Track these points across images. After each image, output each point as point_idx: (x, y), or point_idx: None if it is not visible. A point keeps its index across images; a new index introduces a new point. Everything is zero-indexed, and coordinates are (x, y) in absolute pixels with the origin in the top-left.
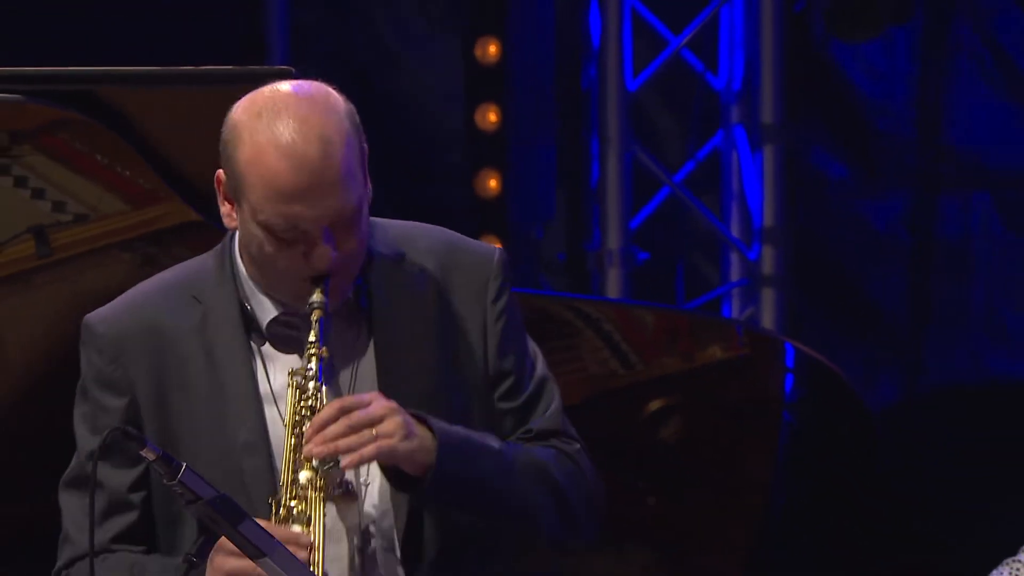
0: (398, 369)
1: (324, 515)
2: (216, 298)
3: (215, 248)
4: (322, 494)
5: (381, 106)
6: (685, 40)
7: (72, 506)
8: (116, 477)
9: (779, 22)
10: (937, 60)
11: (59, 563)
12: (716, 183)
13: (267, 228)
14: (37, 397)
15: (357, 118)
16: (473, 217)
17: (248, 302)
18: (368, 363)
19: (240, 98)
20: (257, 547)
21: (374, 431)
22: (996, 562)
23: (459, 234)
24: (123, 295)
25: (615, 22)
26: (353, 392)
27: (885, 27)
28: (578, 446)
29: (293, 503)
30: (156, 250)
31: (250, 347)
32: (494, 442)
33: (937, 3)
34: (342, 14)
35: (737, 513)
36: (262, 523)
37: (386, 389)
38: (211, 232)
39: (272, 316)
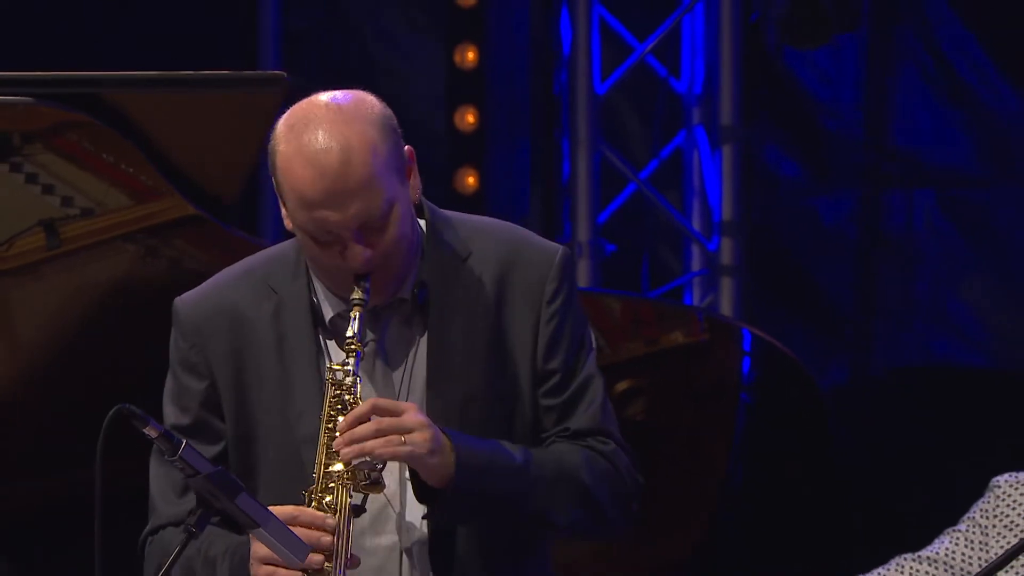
0: (448, 370)
1: (349, 502)
2: (290, 290)
3: (295, 239)
4: (351, 484)
5: None
6: (649, 47)
7: (159, 475)
8: (203, 451)
9: (736, 31)
10: (882, 66)
11: (146, 530)
12: (678, 180)
13: (304, 231)
14: (46, 374)
15: (395, 123)
16: (454, 209)
17: (316, 296)
18: (421, 361)
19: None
20: (252, 518)
21: (402, 439)
22: (938, 531)
23: (527, 231)
24: (211, 278)
25: (584, 30)
26: (406, 388)
27: (834, 35)
28: (614, 445)
29: (325, 495)
30: (157, 242)
31: (318, 340)
32: (519, 456)
33: (882, 13)
34: (331, 22)
35: (697, 486)
36: (283, 508)
37: (433, 388)
38: (207, 225)
39: (334, 313)
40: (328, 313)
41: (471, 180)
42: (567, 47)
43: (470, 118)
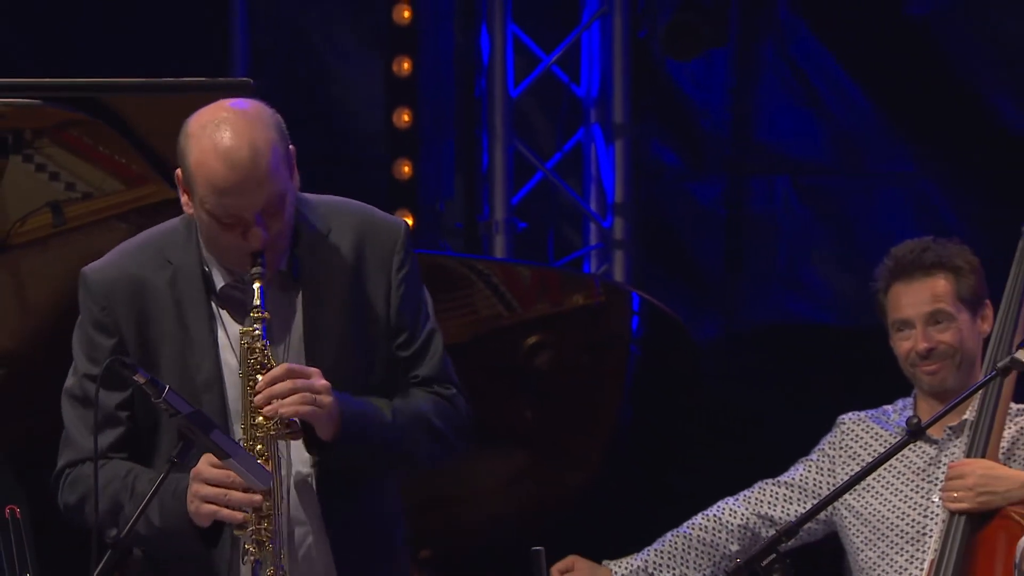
0: (321, 328)
1: (276, 449)
2: (183, 261)
3: (184, 216)
4: (273, 434)
5: (319, 110)
6: (554, 58)
7: (72, 415)
8: (108, 399)
9: (627, 45)
10: (747, 75)
11: (62, 462)
12: (578, 169)
13: (212, 215)
14: (52, 335)
15: (283, 126)
16: (391, 195)
17: (206, 266)
18: (298, 323)
19: (208, 104)
20: (224, 450)
21: (313, 397)
22: (794, 460)
23: (374, 208)
24: (111, 252)
25: (500, 44)
26: (287, 345)
27: (706, 49)
28: (455, 390)
29: (256, 444)
30: (145, 220)
31: (210, 304)
32: (386, 410)
33: (747, 31)
34: (290, 39)
35: (594, 425)
36: None
37: (310, 347)
38: None
39: (224, 283)
40: (219, 282)
41: (406, 169)
42: (486, 58)
43: (405, 118)
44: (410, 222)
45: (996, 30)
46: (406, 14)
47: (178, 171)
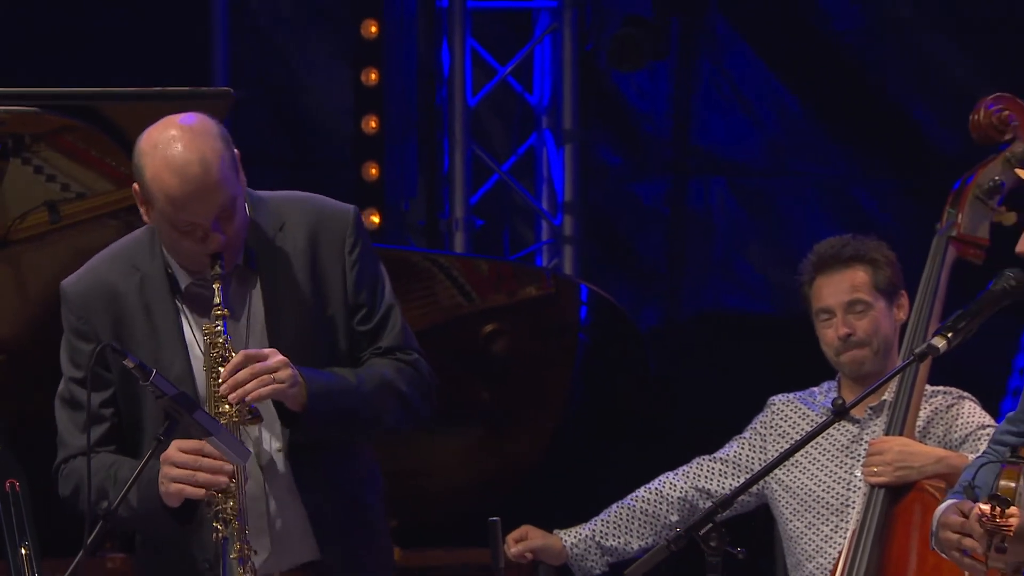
0: (281, 313)
1: (241, 435)
2: (149, 267)
3: (146, 227)
4: (237, 420)
5: (293, 116)
6: (509, 69)
7: (64, 417)
8: (93, 398)
9: (575, 57)
10: (686, 85)
11: (57, 460)
12: (531, 171)
13: (171, 224)
14: (47, 324)
15: (227, 134)
16: (360, 196)
17: (170, 269)
18: (258, 309)
19: (190, 111)
20: (206, 429)
21: (272, 377)
22: (728, 438)
23: (322, 197)
24: (85, 265)
25: (459, 57)
26: (249, 332)
27: (649, 61)
28: (416, 355)
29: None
30: (134, 218)
31: (176, 305)
32: (351, 377)
33: (686, 44)
34: (266, 49)
35: (546, 405)
36: None
37: (272, 331)
38: None
39: (188, 282)
40: (183, 283)
41: (374, 171)
42: (446, 70)
43: (373, 124)
44: (377, 220)
45: (912, 46)
46: (373, 29)
47: (135, 185)
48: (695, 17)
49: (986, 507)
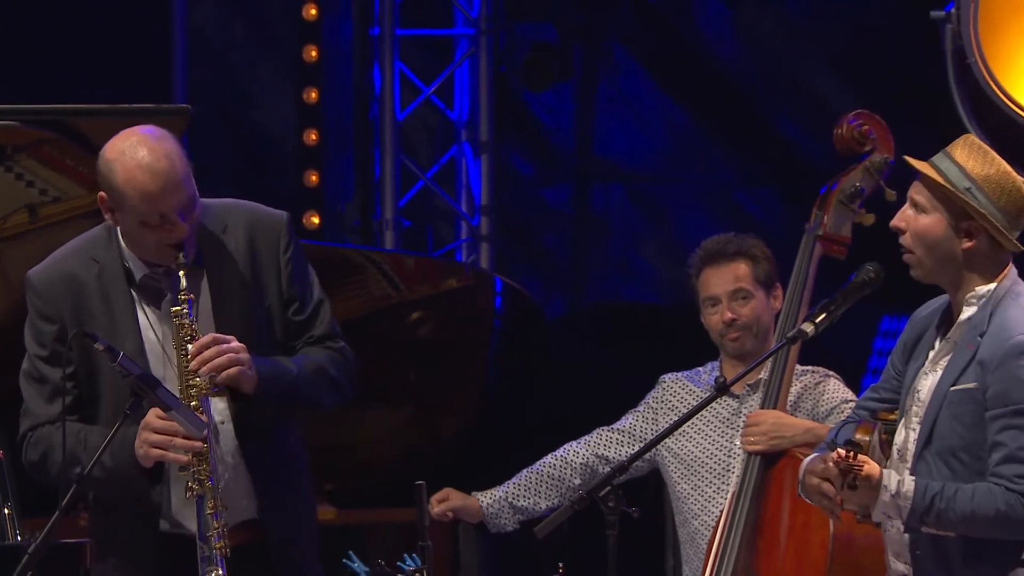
0: (225, 303)
1: (208, 404)
2: (107, 259)
3: (103, 224)
4: (205, 392)
5: (244, 130)
6: (432, 89)
7: (31, 392)
8: (54, 373)
9: (491, 78)
10: (588, 102)
11: (23, 428)
12: (452, 178)
13: (142, 221)
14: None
15: (179, 145)
16: (301, 199)
17: (126, 263)
18: (205, 300)
19: (152, 125)
20: (167, 404)
21: (238, 358)
22: (624, 411)
23: (258, 204)
24: (49, 257)
25: (389, 78)
26: (197, 319)
27: (555, 82)
28: (342, 343)
29: (191, 400)
30: (103, 219)
31: (131, 295)
32: (291, 365)
33: (588, 68)
34: (221, 72)
35: (465, 384)
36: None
37: (220, 320)
38: None
39: (142, 274)
40: (138, 275)
41: (314, 178)
42: (378, 89)
43: (313, 137)
44: (317, 221)
45: (784, 69)
46: (314, 53)
47: (101, 194)
48: (595, 43)
49: (842, 451)
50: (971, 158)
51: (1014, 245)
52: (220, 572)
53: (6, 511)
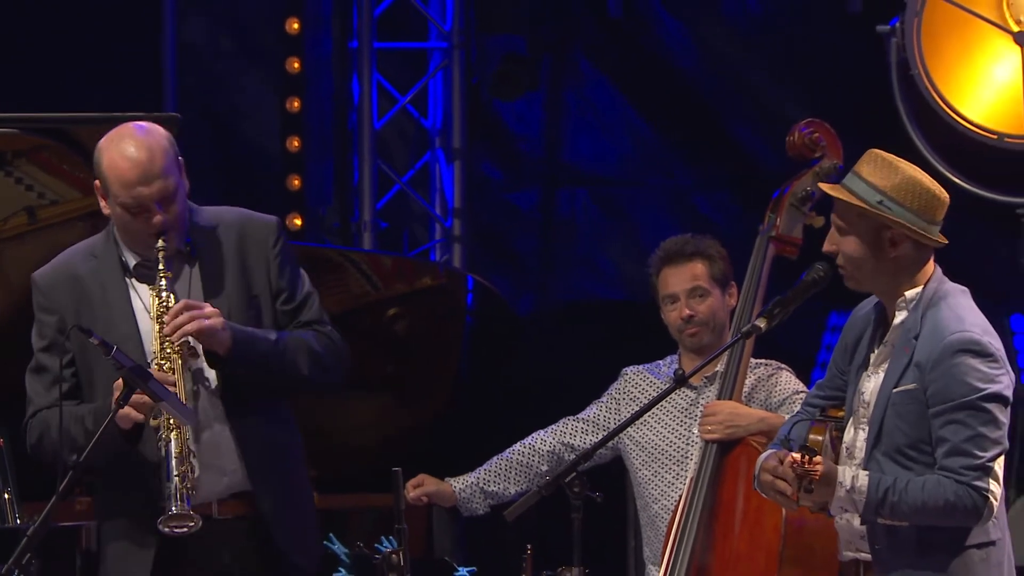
0: (216, 291)
1: (182, 367)
2: (105, 254)
3: (105, 229)
4: (178, 356)
5: (230, 137)
6: (408, 99)
7: (32, 382)
8: (53, 362)
9: (463, 89)
10: (555, 111)
11: (27, 416)
12: (427, 182)
13: (123, 207)
14: (26, 311)
15: (173, 141)
16: (285, 202)
17: (123, 256)
18: (197, 288)
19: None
20: (157, 395)
21: (202, 313)
22: (589, 401)
23: (250, 211)
24: (54, 259)
25: (367, 88)
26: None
27: (525, 92)
28: (330, 327)
29: (165, 363)
30: (98, 220)
31: (126, 283)
32: (273, 335)
33: (555, 79)
34: (209, 82)
35: (439, 377)
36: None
37: (208, 300)
38: None
39: (136, 262)
40: (131, 263)
41: (296, 182)
42: (356, 99)
43: (296, 143)
44: (299, 223)
45: (740, 79)
46: (296, 65)
47: (96, 182)
48: (562, 56)
49: (797, 455)
50: (877, 172)
51: (937, 241)
52: (184, 505)
53: (6, 496)
